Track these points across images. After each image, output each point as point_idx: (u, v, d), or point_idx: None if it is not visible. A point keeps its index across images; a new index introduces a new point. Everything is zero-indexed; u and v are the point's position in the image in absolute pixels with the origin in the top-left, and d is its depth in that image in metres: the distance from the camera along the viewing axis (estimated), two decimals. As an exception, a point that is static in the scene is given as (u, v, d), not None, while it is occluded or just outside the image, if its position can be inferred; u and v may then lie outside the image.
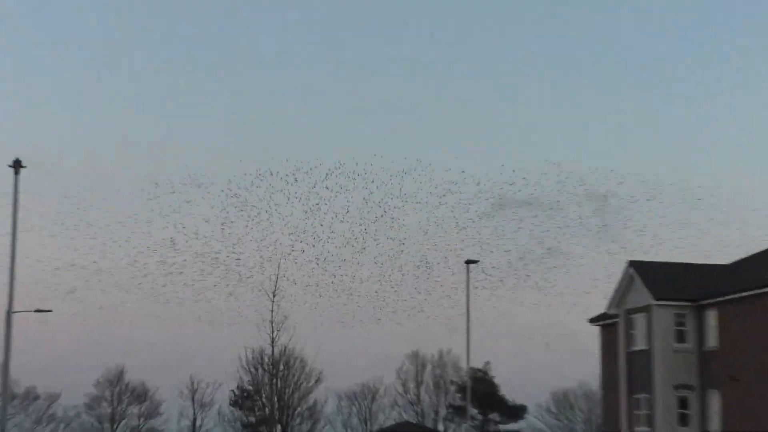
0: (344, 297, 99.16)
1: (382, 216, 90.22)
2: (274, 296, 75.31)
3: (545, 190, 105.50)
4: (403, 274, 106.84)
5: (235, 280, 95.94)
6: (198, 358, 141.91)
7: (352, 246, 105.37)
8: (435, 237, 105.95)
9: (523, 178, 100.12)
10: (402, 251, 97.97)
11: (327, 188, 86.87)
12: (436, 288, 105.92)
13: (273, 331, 75.29)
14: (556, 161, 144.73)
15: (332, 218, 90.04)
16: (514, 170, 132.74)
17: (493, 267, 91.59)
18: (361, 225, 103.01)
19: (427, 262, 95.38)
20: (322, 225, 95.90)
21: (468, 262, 60.15)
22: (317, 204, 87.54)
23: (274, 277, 76.20)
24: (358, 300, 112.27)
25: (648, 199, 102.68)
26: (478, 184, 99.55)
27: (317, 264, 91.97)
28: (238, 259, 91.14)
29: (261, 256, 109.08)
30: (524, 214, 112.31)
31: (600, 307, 61.70)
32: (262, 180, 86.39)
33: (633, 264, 58.23)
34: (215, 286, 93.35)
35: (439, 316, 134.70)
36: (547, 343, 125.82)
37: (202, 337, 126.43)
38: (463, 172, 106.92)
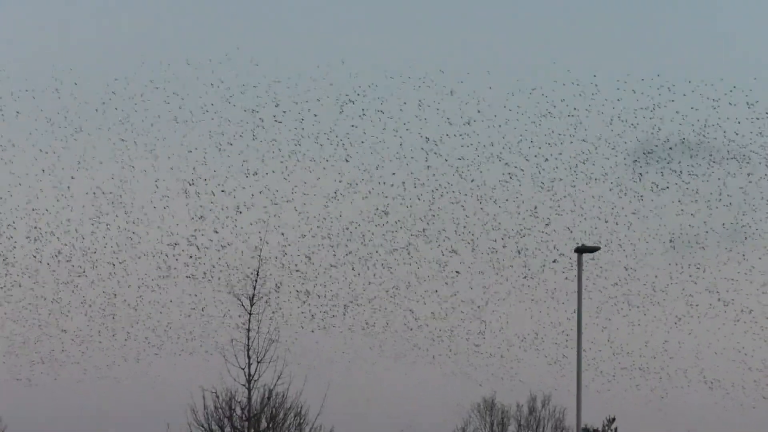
0: (372, 307, 62.47)
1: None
2: (252, 305, 48.64)
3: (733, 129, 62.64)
4: (482, 271, 64.06)
5: (182, 278, 60.50)
6: (120, 406, 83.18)
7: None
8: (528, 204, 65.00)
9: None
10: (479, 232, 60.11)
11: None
12: (530, 292, 65.31)
13: (250, 365, 48.65)
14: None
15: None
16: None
17: (626, 261, 58.83)
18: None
19: (517, 251, 60.89)
20: (337, 173, 61.18)
21: (581, 250, 44.04)
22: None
23: (252, 271, 49.29)
24: (395, 313, 64.39)
25: None
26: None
27: (331, 248, 60.96)
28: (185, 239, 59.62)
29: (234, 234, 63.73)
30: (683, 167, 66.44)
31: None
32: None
33: None
34: (141, 286, 58.97)
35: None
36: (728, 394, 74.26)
37: (123, 374, 69.13)
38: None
